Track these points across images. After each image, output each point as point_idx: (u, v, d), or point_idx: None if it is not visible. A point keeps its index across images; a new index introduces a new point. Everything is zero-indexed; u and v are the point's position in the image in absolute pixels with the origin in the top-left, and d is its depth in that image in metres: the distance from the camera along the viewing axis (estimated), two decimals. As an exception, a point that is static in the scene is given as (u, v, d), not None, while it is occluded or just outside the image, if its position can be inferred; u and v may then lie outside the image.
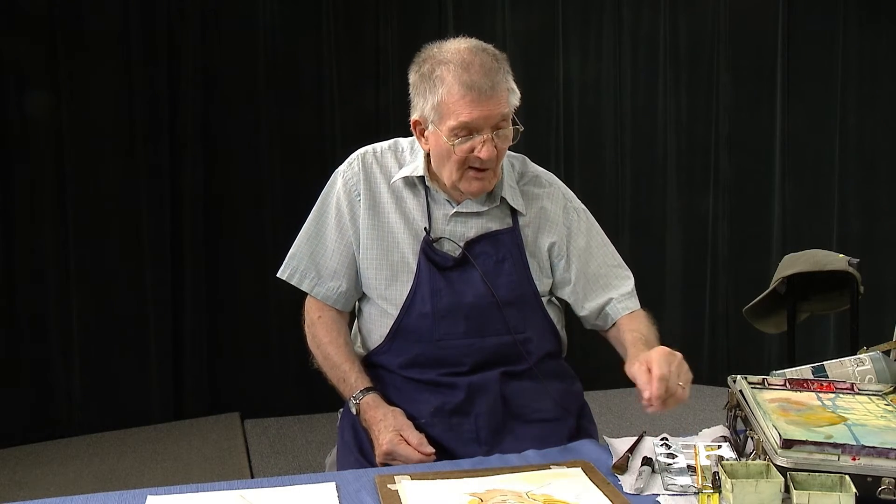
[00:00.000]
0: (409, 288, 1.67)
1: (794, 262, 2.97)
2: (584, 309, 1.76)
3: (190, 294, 4.30)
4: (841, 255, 2.92)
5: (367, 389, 1.65)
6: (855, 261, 2.86)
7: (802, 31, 4.70)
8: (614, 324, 1.75)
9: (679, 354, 1.45)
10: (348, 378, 1.68)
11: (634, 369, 1.44)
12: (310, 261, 1.74)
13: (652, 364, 1.40)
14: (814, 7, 4.70)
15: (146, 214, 4.19)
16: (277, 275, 1.77)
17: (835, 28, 4.64)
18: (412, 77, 1.64)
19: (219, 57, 4.30)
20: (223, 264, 4.36)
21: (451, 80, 1.55)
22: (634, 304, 1.76)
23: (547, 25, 4.72)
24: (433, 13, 4.55)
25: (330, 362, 1.71)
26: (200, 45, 4.25)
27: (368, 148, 1.78)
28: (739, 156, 4.84)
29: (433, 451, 1.55)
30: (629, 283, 1.78)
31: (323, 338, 1.73)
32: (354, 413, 1.65)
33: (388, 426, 1.57)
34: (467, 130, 1.57)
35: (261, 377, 4.39)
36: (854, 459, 1.22)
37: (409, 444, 1.55)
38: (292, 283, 1.76)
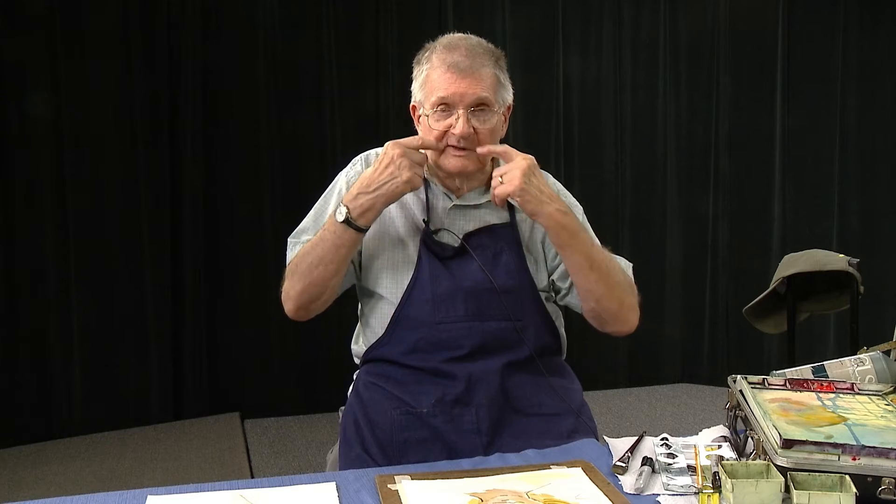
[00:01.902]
0: (410, 277, 1.69)
1: (794, 262, 2.97)
2: (568, 280, 1.75)
3: (190, 294, 4.30)
4: (841, 255, 2.92)
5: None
6: (855, 261, 2.86)
7: (802, 31, 4.70)
8: None
9: (528, 163, 1.62)
10: (326, 222, 1.67)
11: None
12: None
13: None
14: (814, 7, 4.70)
15: (146, 214, 4.20)
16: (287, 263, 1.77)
17: (835, 28, 4.65)
18: (414, 67, 1.73)
19: (219, 57, 4.30)
20: (223, 264, 4.36)
21: (436, 59, 1.66)
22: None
23: (547, 25, 4.72)
24: (433, 13, 4.55)
25: (309, 245, 1.68)
26: (200, 45, 4.25)
27: (371, 151, 1.82)
28: (739, 156, 4.84)
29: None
30: (622, 262, 1.78)
31: (298, 253, 1.72)
32: (343, 218, 1.61)
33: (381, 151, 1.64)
34: (445, 105, 1.64)
35: (261, 377, 4.39)
36: (854, 459, 1.22)
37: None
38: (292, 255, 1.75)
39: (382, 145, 1.83)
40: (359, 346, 1.81)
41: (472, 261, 1.70)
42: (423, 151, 1.68)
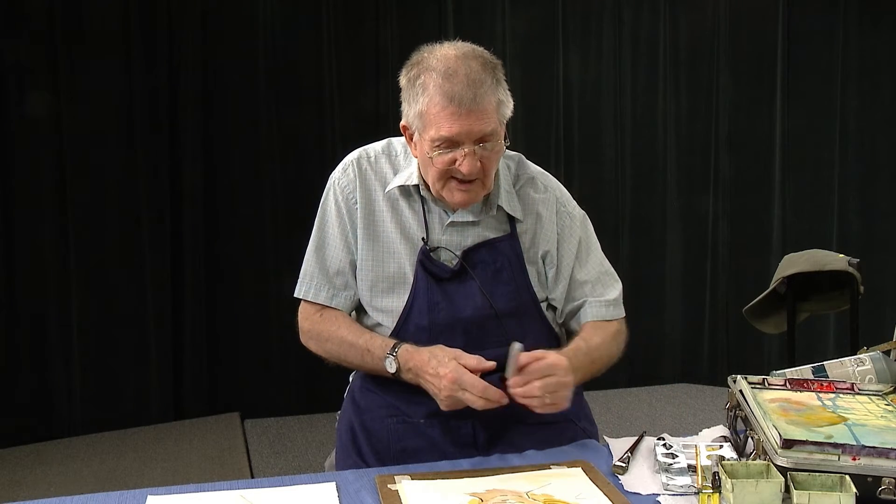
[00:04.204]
0: (406, 300, 1.63)
1: (794, 262, 2.97)
2: (563, 314, 1.73)
3: (190, 294, 4.30)
4: (841, 255, 2.92)
5: (398, 344, 1.59)
6: (855, 261, 2.86)
7: (802, 31, 4.70)
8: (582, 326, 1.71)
9: (570, 379, 1.45)
10: (373, 345, 1.60)
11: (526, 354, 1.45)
12: (322, 275, 1.70)
13: (539, 357, 1.43)
14: (814, 7, 4.70)
15: (146, 214, 4.20)
16: (294, 294, 1.73)
17: (835, 28, 4.65)
18: (402, 80, 1.58)
19: (219, 57, 4.30)
20: (223, 264, 4.36)
21: (433, 89, 1.49)
22: (610, 312, 1.71)
23: (547, 25, 4.72)
24: (433, 13, 4.55)
25: (347, 343, 1.65)
26: (200, 45, 4.25)
27: (362, 152, 1.72)
28: (739, 156, 4.84)
29: (497, 400, 1.45)
30: (613, 291, 1.73)
31: (329, 328, 1.68)
32: (394, 371, 1.56)
33: (444, 357, 1.48)
34: (448, 143, 1.51)
35: (261, 377, 4.39)
36: (854, 459, 1.22)
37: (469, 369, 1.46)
38: (308, 298, 1.71)
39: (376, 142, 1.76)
40: None
41: (471, 282, 1.62)
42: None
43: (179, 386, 4.32)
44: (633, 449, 1.49)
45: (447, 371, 1.46)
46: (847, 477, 1.17)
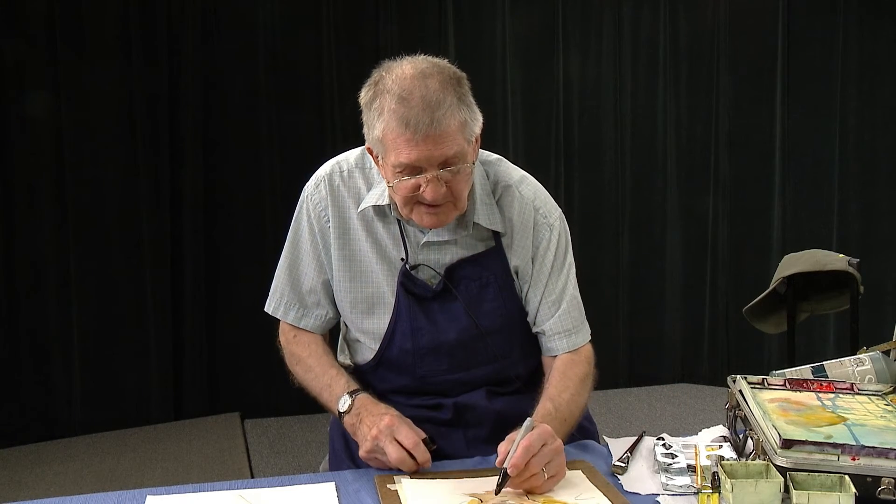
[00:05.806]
0: (388, 322, 1.59)
1: (794, 262, 2.97)
2: (535, 326, 1.66)
3: (190, 294, 4.30)
4: (841, 255, 2.92)
5: (360, 391, 1.56)
6: (855, 261, 2.86)
7: (802, 31, 4.70)
8: (553, 357, 1.63)
9: (559, 442, 1.35)
10: (336, 383, 1.58)
11: (502, 443, 1.34)
12: (292, 292, 1.68)
13: (522, 435, 1.32)
14: (814, 7, 4.70)
15: (146, 214, 4.20)
16: (265, 309, 1.73)
17: (835, 28, 4.64)
18: (361, 100, 1.48)
19: (219, 57, 4.30)
20: (223, 264, 4.36)
21: (388, 114, 1.40)
22: (572, 342, 1.62)
23: (547, 25, 4.72)
24: (433, 13, 4.55)
25: (313, 373, 1.64)
26: (200, 45, 4.25)
27: (335, 166, 1.65)
28: (739, 156, 4.84)
29: (421, 463, 1.40)
30: (575, 313, 1.63)
31: (301, 352, 1.68)
32: (344, 409, 1.52)
33: (397, 417, 1.45)
34: (410, 169, 1.42)
35: (261, 377, 4.39)
36: (854, 459, 1.22)
37: (401, 445, 1.39)
38: (278, 316, 1.71)
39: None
40: (345, 357, 1.75)
41: (455, 302, 1.57)
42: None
43: (179, 386, 4.32)
44: (632, 449, 1.49)
45: (391, 417, 1.44)
46: (846, 477, 1.17)
